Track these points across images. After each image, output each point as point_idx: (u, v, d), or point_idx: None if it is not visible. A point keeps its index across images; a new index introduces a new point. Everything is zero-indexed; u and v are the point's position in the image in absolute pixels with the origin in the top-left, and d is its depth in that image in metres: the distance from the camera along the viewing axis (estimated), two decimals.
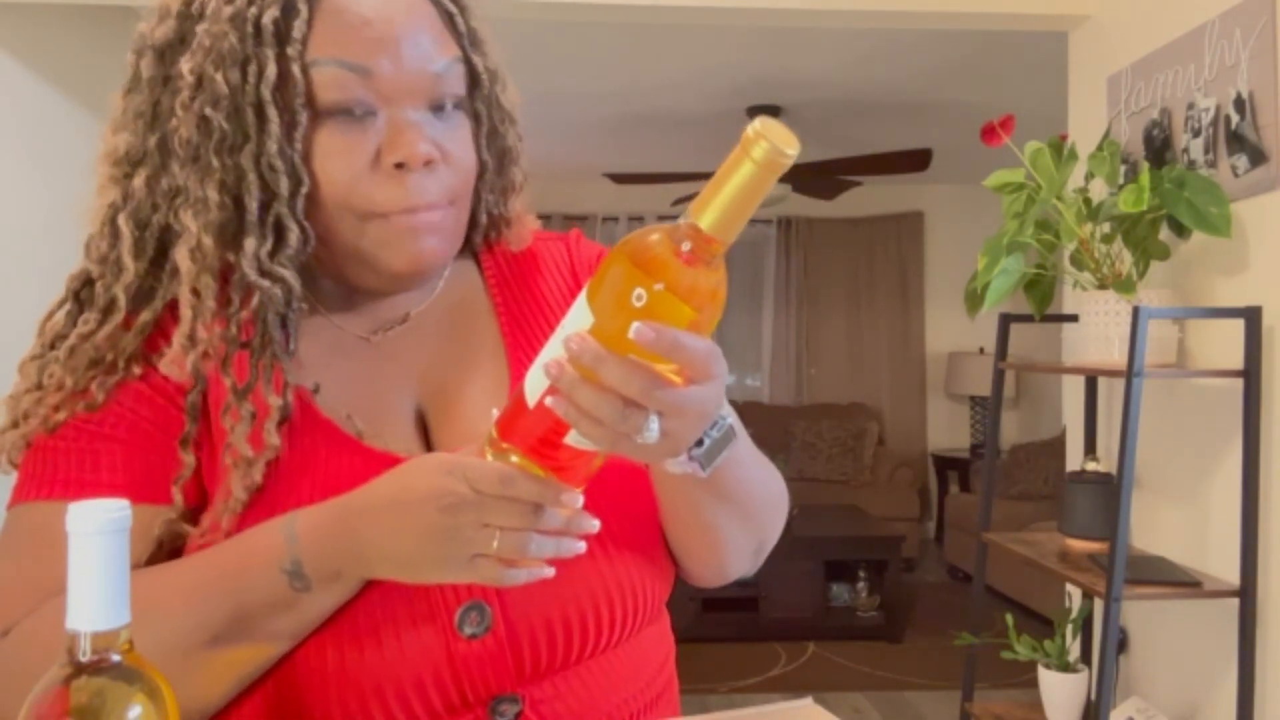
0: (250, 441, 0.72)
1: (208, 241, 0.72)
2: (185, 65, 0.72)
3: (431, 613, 0.72)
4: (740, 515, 0.80)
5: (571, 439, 0.61)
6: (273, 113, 0.71)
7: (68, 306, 0.78)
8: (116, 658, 0.52)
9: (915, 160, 4.45)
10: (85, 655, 0.51)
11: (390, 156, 0.72)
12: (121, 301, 0.75)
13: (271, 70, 0.70)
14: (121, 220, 0.75)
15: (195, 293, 0.73)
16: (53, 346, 0.76)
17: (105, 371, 0.74)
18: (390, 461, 0.73)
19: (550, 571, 0.65)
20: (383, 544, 0.66)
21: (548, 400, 0.59)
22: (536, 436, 0.62)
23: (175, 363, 0.73)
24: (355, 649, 0.70)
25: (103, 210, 0.77)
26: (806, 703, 0.82)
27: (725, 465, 0.69)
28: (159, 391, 0.75)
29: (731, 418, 0.67)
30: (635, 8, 2.67)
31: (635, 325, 0.56)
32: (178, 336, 0.73)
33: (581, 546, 0.65)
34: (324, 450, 0.75)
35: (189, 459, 0.74)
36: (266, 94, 0.71)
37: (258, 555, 0.68)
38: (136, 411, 0.74)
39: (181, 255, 0.73)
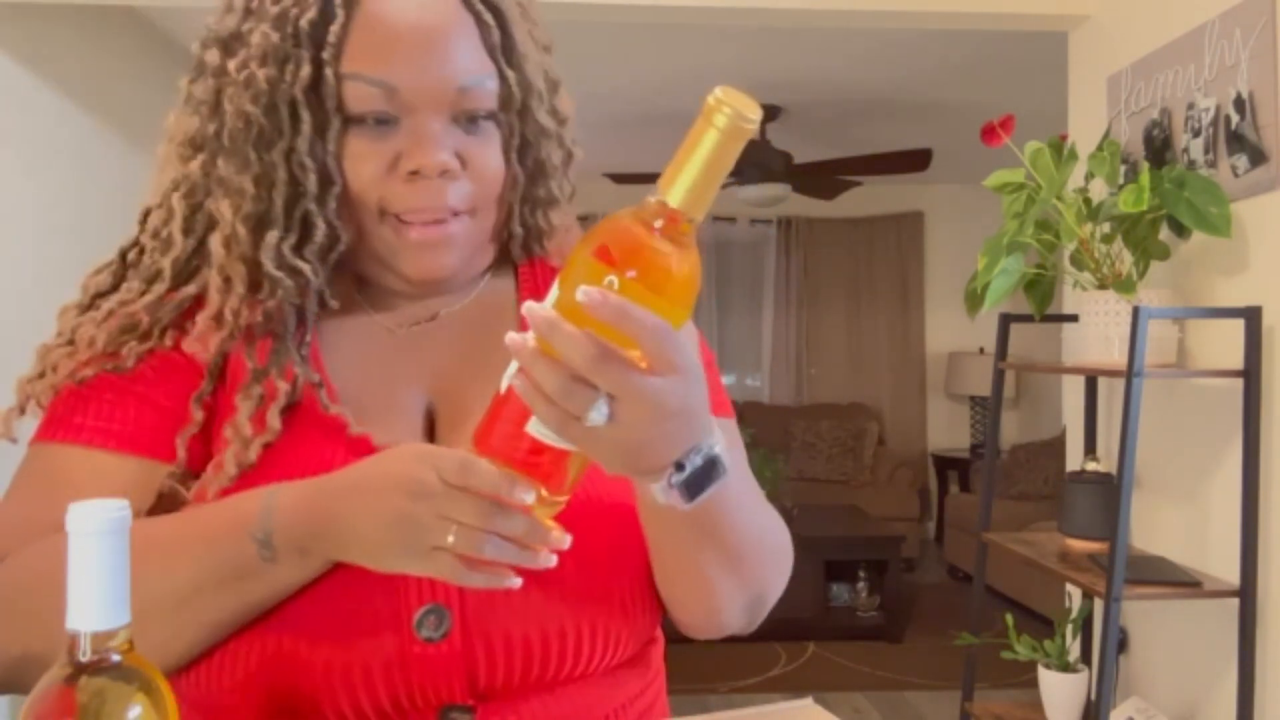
0: (252, 421, 0.74)
1: (241, 230, 0.75)
2: (237, 60, 0.75)
3: (392, 611, 0.72)
4: (729, 563, 0.76)
5: (531, 427, 0.59)
6: (305, 113, 0.73)
7: (113, 265, 0.81)
8: (116, 658, 0.52)
9: (915, 160, 4.45)
10: (85, 655, 0.51)
11: (408, 164, 0.74)
12: (167, 273, 0.78)
13: (305, 71, 0.73)
14: (176, 199, 0.79)
15: (225, 278, 0.76)
16: (92, 303, 0.80)
17: (139, 339, 0.77)
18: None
19: (517, 582, 0.63)
20: (351, 526, 0.66)
21: (509, 378, 0.58)
22: (503, 434, 0.61)
23: (200, 340, 0.77)
24: (309, 637, 0.71)
25: (163, 186, 0.81)
26: (806, 703, 0.82)
27: (714, 504, 0.65)
28: (185, 359, 0.78)
29: (720, 448, 0.63)
30: (635, 8, 2.67)
31: (581, 288, 0.54)
32: (203, 316, 0.76)
33: (551, 561, 0.63)
34: (321, 442, 0.76)
35: (198, 415, 0.76)
36: (299, 94, 0.73)
37: (234, 521, 0.69)
38: (159, 372, 0.78)
39: (216, 241, 0.76)
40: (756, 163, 4.59)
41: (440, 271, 0.78)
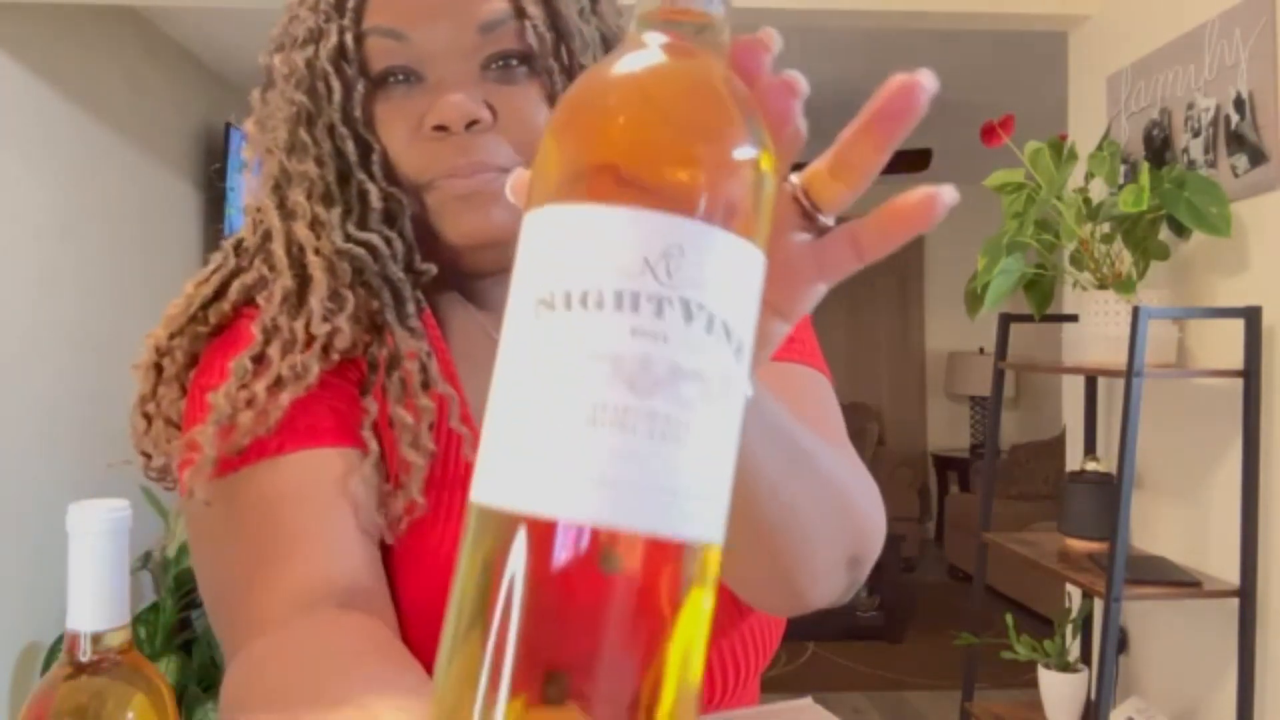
0: (408, 409, 0.70)
1: (319, 210, 0.72)
2: (282, 55, 0.74)
3: None
4: (821, 492, 0.59)
5: None
6: (335, 82, 0.71)
7: (221, 267, 0.76)
8: (117, 658, 0.52)
9: (915, 160, 4.45)
10: (85, 655, 0.51)
11: (431, 119, 0.70)
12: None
13: (331, 41, 0.71)
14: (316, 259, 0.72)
15: (326, 259, 0.71)
16: (197, 314, 0.74)
17: (322, 357, 0.70)
18: None
19: None
20: None
21: None
22: None
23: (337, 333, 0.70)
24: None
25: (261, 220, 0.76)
26: (806, 703, 0.82)
27: (789, 423, 0.56)
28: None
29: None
30: None
31: None
32: (315, 300, 0.70)
33: None
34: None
35: (371, 406, 0.70)
36: (327, 65, 0.71)
37: None
38: (324, 380, 0.71)
39: (300, 228, 0.71)
40: None
41: (486, 232, 0.71)
